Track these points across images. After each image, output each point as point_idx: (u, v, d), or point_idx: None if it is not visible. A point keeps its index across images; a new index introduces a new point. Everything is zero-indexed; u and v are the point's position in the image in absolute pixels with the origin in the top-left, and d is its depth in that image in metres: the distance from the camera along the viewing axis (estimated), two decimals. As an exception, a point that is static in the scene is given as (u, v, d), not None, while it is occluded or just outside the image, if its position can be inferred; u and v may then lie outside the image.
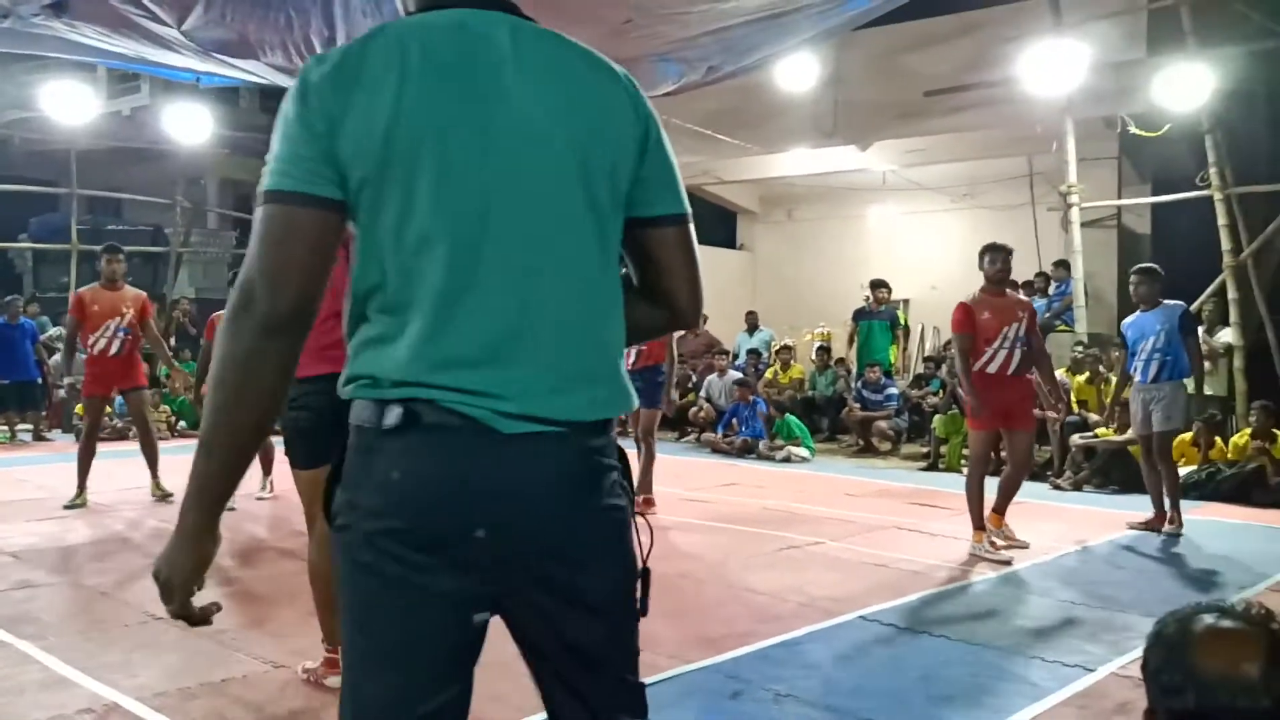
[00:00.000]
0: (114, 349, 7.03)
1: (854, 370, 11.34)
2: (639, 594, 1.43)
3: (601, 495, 1.36)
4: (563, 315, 1.32)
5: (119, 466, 7.98)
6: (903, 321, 11.74)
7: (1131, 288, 6.57)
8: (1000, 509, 5.76)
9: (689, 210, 1.49)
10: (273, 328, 1.24)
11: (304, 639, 3.82)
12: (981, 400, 5.60)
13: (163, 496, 7.10)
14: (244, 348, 1.24)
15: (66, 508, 6.74)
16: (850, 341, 11.42)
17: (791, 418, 10.39)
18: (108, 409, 7.27)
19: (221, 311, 5.36)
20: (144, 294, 7.59)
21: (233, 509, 6.70)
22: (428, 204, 1.27)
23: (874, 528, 6.50)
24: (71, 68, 16.72)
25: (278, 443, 4.86)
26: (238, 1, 7.77)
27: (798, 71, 10.78)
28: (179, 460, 7.72)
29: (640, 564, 1.43)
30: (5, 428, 11.18)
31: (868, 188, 14.25)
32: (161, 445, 9.03)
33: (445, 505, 1.27)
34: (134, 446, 7.62)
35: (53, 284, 16.44)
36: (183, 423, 11.84)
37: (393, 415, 1.27)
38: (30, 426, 11.33)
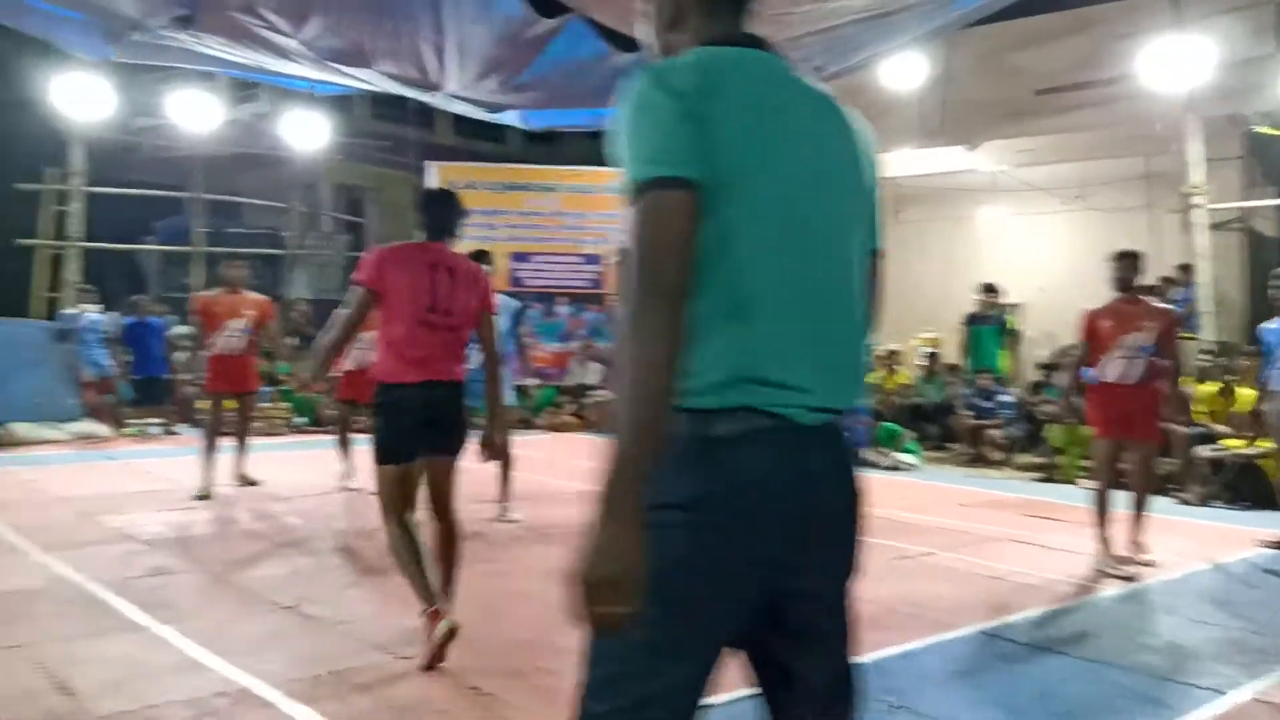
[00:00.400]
0: (234, 349, 7.45)
1: (965, 376, 11.08)
2: None
3: (855, 476, 1.52)
4: (848, 326, 1.51)
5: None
6: (1013, 326, 11.42)
7: (1271, 291, 6.26)
8: (1129, 523, 5.54)
9: None
10: (679, 302, 1.31)
11: (415, 629, 3.93)
12: (1100, 410, 5.40)
13: (248, 483, 7.71)
14: (662, 323, 1.29)
15: (196, 498, 7.08)
16: (963, 348, 11.15)
17: (891, 424, 10.20)
18: (226, 404, 7.69)
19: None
20: (265, 298, 7.98)
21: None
22: (762, 219, 1.40)
23: (988, 539, 6.33)
24: (195, 77, 17.49)
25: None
26: (352, 12, 8.05)
27: (904, 70, 10.60)
28: (298, 455, 8.06)
29: None
30: (136, 423, 11.77)
31: (977, 188, 13.90)
32: (279, 440, 9.44)
33: (772, 498, 1.38)
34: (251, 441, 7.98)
35: (177, 284, 17.21)
36: (300, 419, 12.26)
37: (726, 416, 1.37)
38: (160, 421, 11.90)
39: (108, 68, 13.00)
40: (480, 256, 6.68)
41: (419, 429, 3.65)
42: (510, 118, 10.71)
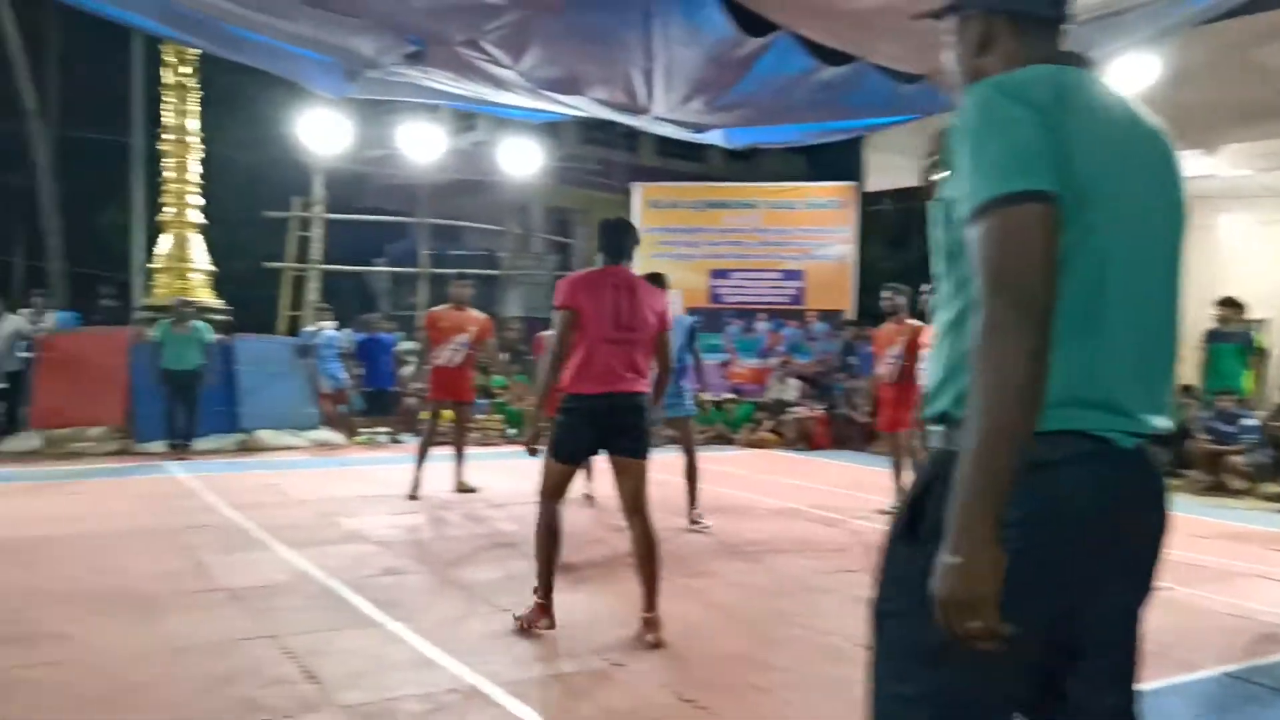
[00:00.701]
0: (456, 361, 8.05)
1: (1204, 398, 10.22)
2: None
3: (1165, 501, 1.52)
4: (1170, 351, 1.51)
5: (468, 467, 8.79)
6: (1260, 344, 10.44)
7: None
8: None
9: None
10: (1046, 320, 1.29)
11: (631, 637, 4.02)
12: None
13: (466, 490, 8.16)
14: (1030, 346, 1.27)
15: (407, 498, 7.71)
16: (1201, 367, 10.30)
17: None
18: (444, 415, 8.30)
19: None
20: (486, 316, 8.50)
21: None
22: (1111, 238, 1.39)
23: (1230, 574, 5.81)
24: (420, 110, 18.68)
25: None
26: (567, 43, 8.36)
27: (1134, 70, 9.91)
28: (512, 465, 8.38)
29: None
30: (367, 432, 12.66)
31: (1216, 195, 12.83)
32: (492, 450, 9.90)
33: (1088, 522, 1.38)
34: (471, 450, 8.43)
35: (404, 303, 18.42)
36: (512, 430, 12.80)
37: (1053, 439, 1.35)
38: (387, 430, 12.75)
39: (345, 104, 14.11)
40: (656, 279, 6.87)
41: (597, 436, 4.14)
42: (714, 137, 10.80)
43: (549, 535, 4.22)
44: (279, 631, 4.12)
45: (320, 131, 15.02)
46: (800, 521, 7.22)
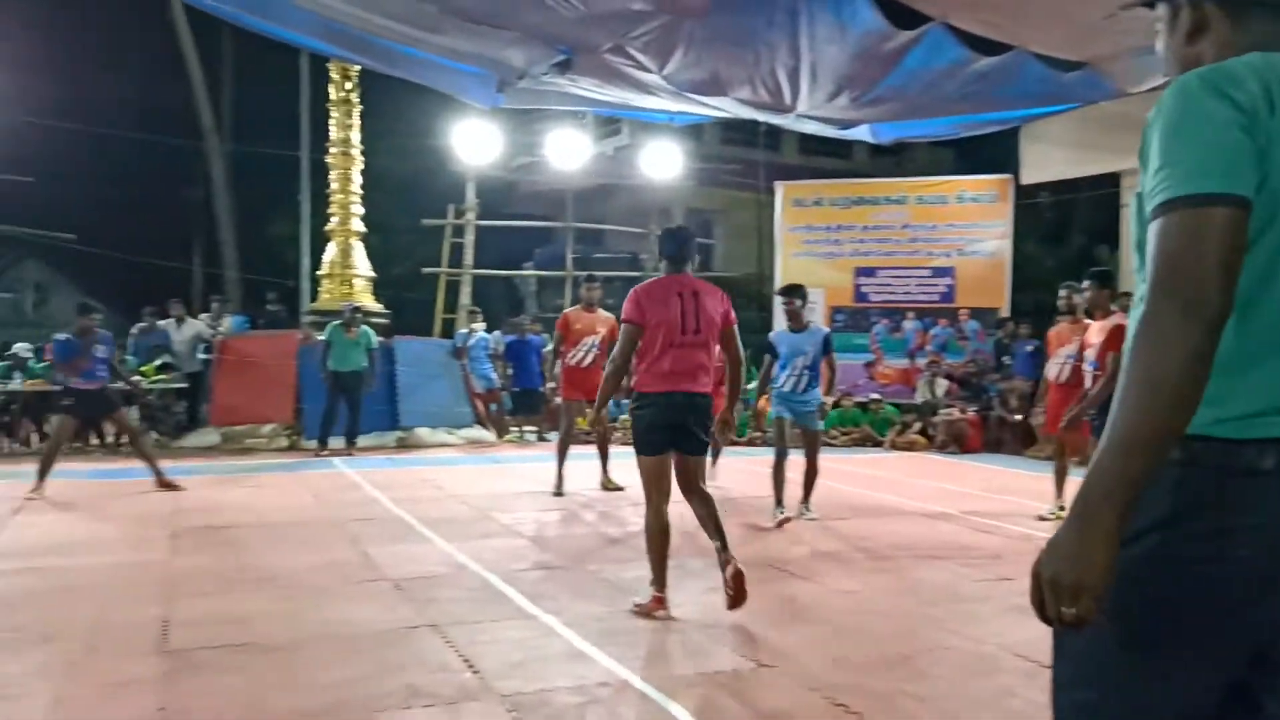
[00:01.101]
0: (586, 361, 8.32)
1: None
2: None
3: None
4: None
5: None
6: None
7: None
8: None
9: None
10: (1216, 327, 1.26)
11: (783, 643, 4.01)
12: None
13: (612, 489, 8.33)
14: (1192, 349, 1.24)
15: (552, 495, 7.99)
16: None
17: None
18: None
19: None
20: (614, 317, 8.50)
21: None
22: None
23: None
24: (565, 117, 19.11)
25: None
26: (712, 45, 8.39)
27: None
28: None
29: None
30: (516, 430, 13.03)
31: None
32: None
33: None
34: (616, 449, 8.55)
35: (551, 305, 18.86)
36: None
37: (1255, 447, 1.30)
38: (535, 429, 13.09)
39: (495, 115, 14.57)
40: (793, 291, 7.17)
41: (670, 430, 4.49)
42: (860, 132, 10.65)
43: (659, 533, 4.54)
44: (440, 621, 4.30)
45: (472, 141, 15.56)
46: (952, 526, 7.02)
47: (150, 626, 4.17)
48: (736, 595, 4.28)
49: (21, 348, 12.56)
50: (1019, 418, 12.24)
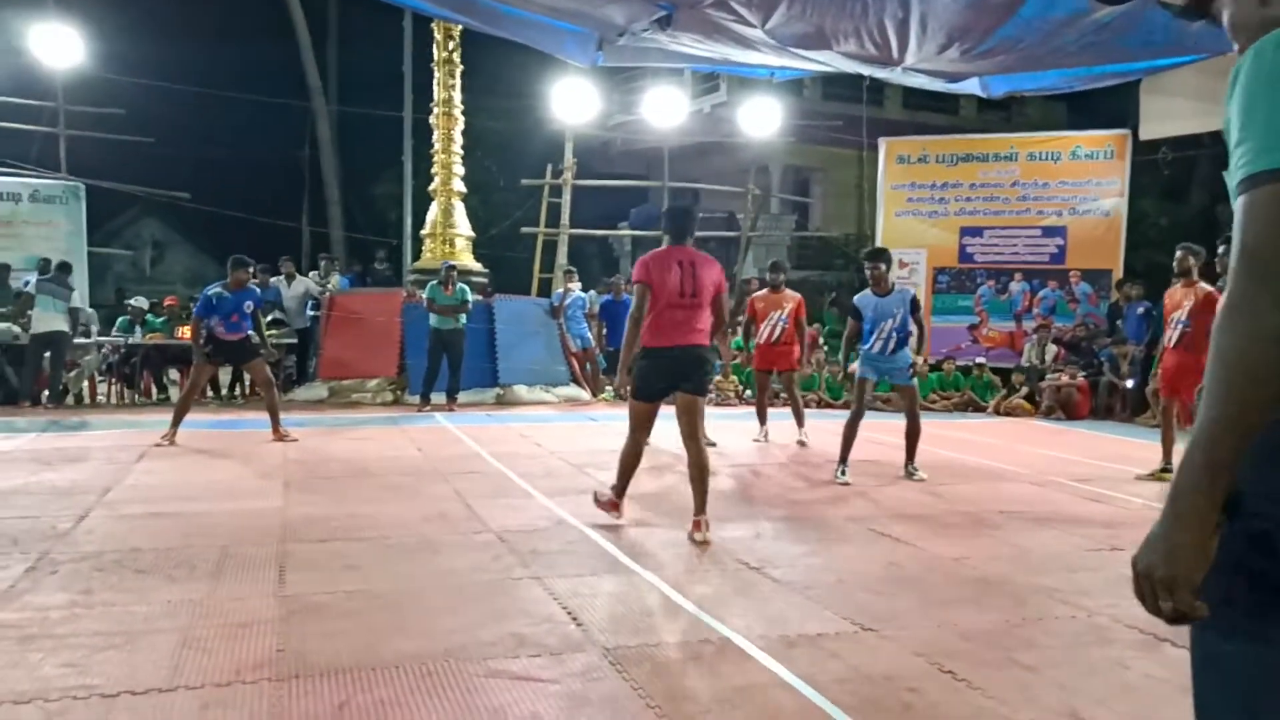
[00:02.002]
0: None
1: None
2: None
3: None
4: None
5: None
6: None
7: None
8: None
9: None
10: None
11: (885, 606, 3.96)
12: None
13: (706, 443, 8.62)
14: (1272, 328, 1.18)
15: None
16: None
17: None
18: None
19: (761, 291, 7.07)
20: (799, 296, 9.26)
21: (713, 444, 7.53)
22: None
23: None
24: (663, 74, 18.92)
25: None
26: (818, -4, 8.19)
27: None
28: (742, 425, 8.50)
29: None
30: (611, 388, 13.11)
31: None
32: (727, 410, 10.09)
33: None
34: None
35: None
36: (749, 392, 12.86)
37: None
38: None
39: (592, 74, 14.52)
40: (878, 255, 7.44)
41: (669, 379, 5.24)
42: (970, 86, 10.27)
43: (633, 456, 5.41)
44: (543, 574, 4.37)
45: (570, 100, 15.55)
46: (1061, 494, 6.81)
47: (267, 570, 4.35)
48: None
49: (140, 301, 13.14)
50: (1130, 383, 11.80)
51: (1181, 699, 3.03)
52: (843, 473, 7.10)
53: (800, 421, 9.24)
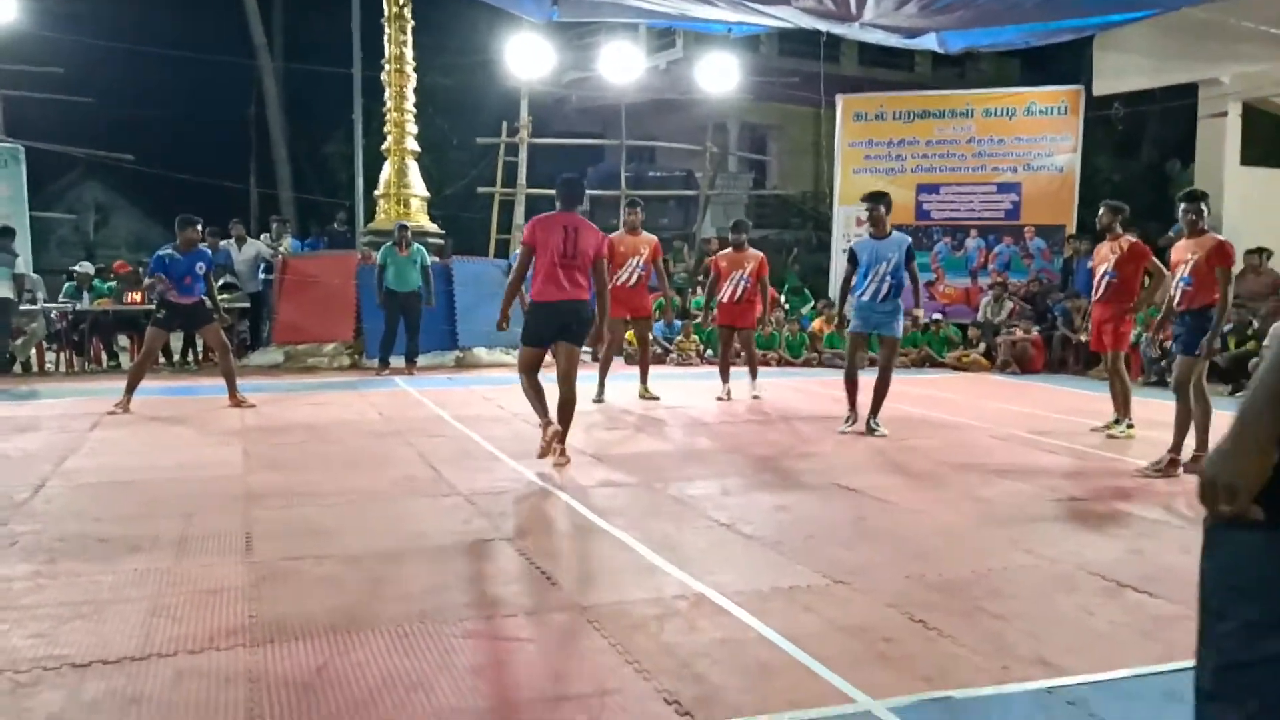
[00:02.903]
0: (631, 281, 8.93)
1: None
2: None
3: None
4: None
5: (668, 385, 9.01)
6: None
7: None
8: None
9: None
10: None
11: (855, 560, 4.01)
12: None
13: (649, 398, 9.05)
14: None
15: (593, 401, 8.67)
16: None
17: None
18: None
19: (724, 251, 7.87)
20: (655, 238, 9.37)
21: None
22: None
23: None
24: (619, 30, 18.67)
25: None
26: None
27: None
28: (706, 385, 8.55)
29: None
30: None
31: None
32: (691, 370, 10.12)
33: None
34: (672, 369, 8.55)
35: (605, 224, 18.66)
36: (710, 351, 12.91)
37: None
38: (589, 348, 13.10)
39: (547, 29, 14.28)
40: (878, 198, 7.37)
41: (554, 328, 5.89)
42: (928, 42, 10.31)
43: (532, 388, 6.01)
44: (514, 535, 4.37)
45: (524, 57, 15.30)
46: (1020, 447, 6.94)
47: (233, 537, 4.29)
48: (546, 449, 5.88)
49: (85, 266, 12.79)
50: (1083, 338, 12.02)
51: (1147, 644, 3.12)
52: (851, 421, 7.38)
53: (754, 375, 9.38)
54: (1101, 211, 7.43)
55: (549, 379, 6.04)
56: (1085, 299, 12.07)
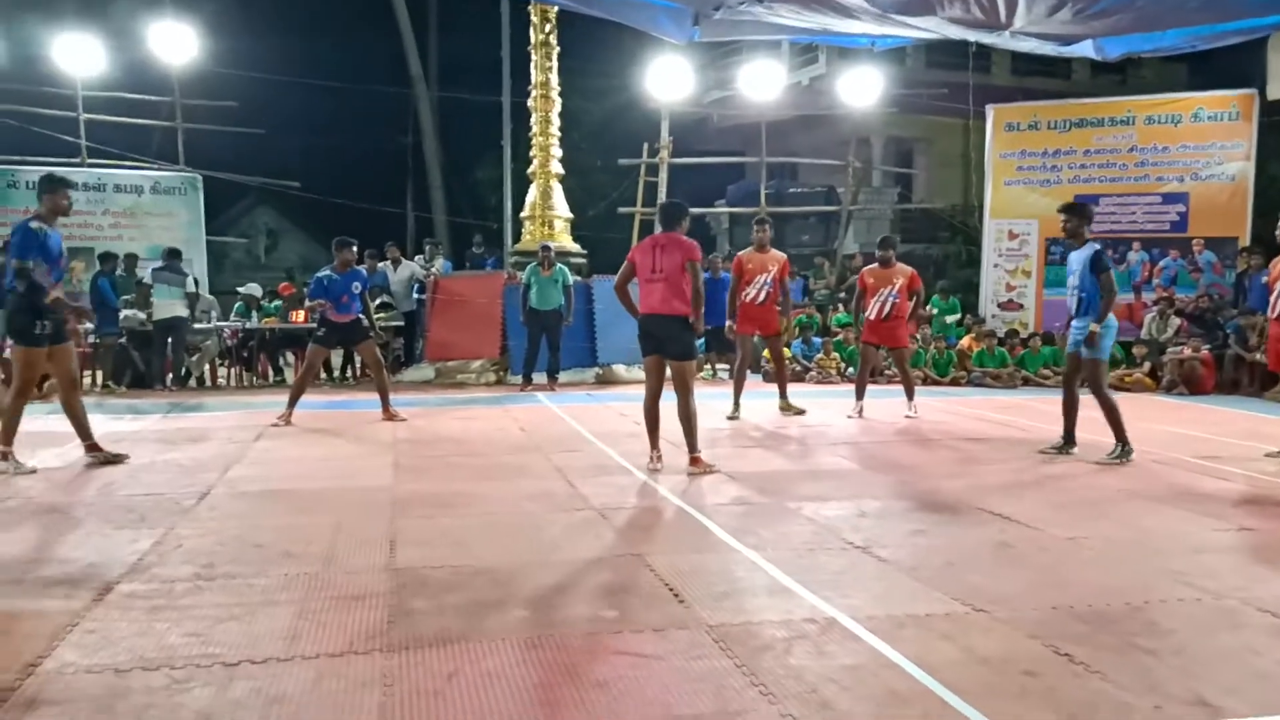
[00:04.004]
0: (760, 299, 8.97)
1: None
2: None
3: None
4: None
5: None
6: None
7: None
8: None
9: None
10: None
11: (997, 588, 3.84)
12: None
13: (794, 412, 9.12)
14: None
15: (728, 419, 8.74)
16: None
17: None
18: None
19: (871, 266, 7.89)
20: (784, 256, 9.39)
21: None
22: None
23: None
24: (760, 48, 18.65)
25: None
26: (920, -42, 7.93)
27: None
28: (842, 403, 8.39)
29: None
30: (709, 367, 13.07)
31: None
32: (829, 389, 9.86)
33: None
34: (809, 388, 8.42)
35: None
36: (851, 370, 12.66)
37: None
38: (727, 365, 13.07)
39: (688, 50, 14.40)
40: (1068, 209, 7.02)
41: (652, 342, 6.36)
42: (1083, 49, 9.81)
43: (651, 409, 6.49)
44: (644, 551, 4.38)
45: (666, 78, 15.46)
46: (1186, 473, 6.49)
47: (379, 546, 4.47)
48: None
49: (253, 288, 13.63)
50: (1259, 357, 11.18)
51: (1321, 688, 2.86)
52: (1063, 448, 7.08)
53: (910, 395, 9.26)
54: None
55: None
56: (1261, 315, 11.24)
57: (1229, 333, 11.78)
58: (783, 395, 9.25)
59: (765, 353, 10.77)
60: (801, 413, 9.03)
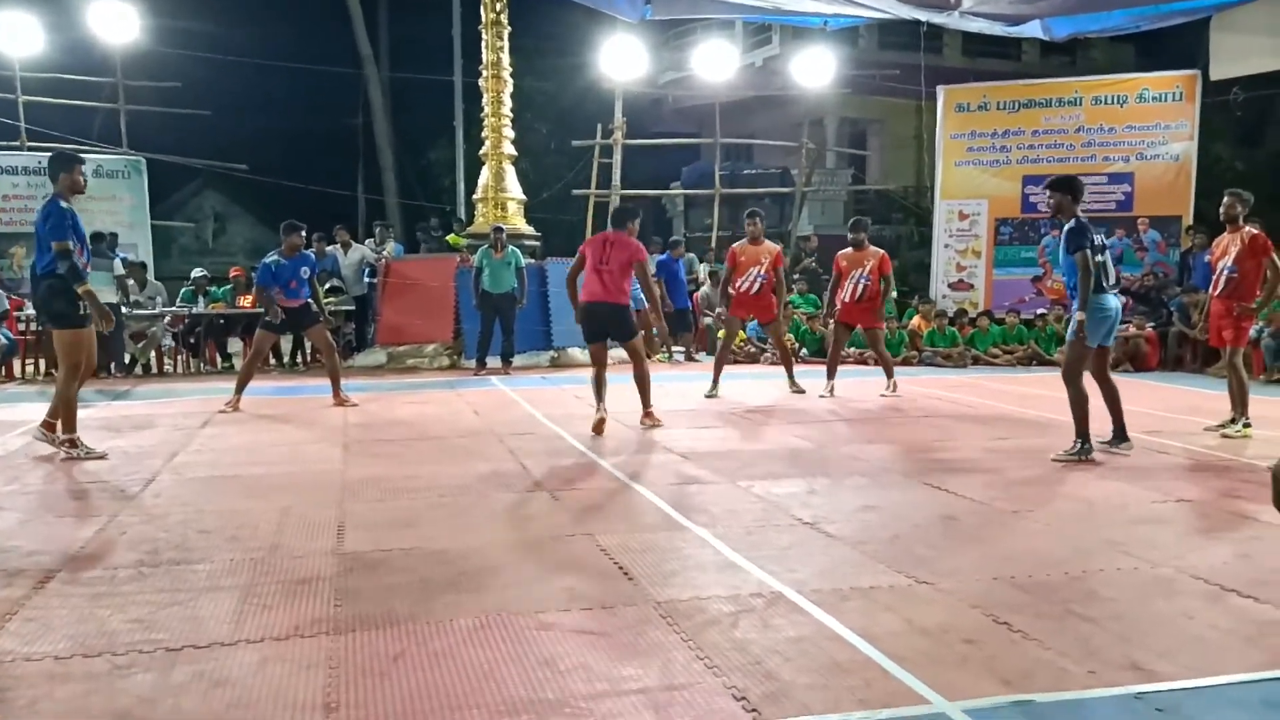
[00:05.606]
0: (754, 289, 9.20)
1: None
2: None
3: None
4: None
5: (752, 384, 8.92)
6: None
7: None
8: None
9: None
10: None
11: (941, 560, 3.90)
12: None
13: (797, 391, 9.32)
14: None
15: (706, 396, 8.96)
16: None
17: None
18: (741, 333, 9.40)
19: (844, 250, 8.18)
20: (778, 248, 9.55)
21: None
22: None
23: None
24: (714, 27, 18.62)
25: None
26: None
27: None
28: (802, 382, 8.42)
29: None
30: (664, 350, 13.08)
31: None
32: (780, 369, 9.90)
33: None
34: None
35: (699, 225, 18.67)
36: (804, 350, 12.77)
37: None
38: (683, 348, 13.12)
39: (642, 29, 14.34)
40: (1054, 184, 6.16)
41: (597, 326, 7.21)
42: (1032, 29, 9.97)
43: (596, 383, 7.27)
44: (594, 530, 4.39)
45: (619, 58, 15.38)
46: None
47: (326, 530, 4.43)
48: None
49: (201, 273, 13.39)
50: (1200, 334, 11.45)
51: (1249, 651, 2.95)
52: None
53: (890, 374, 9.51)
54: (1226, 200, 7.07)
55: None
56: (1203, 293, 11.50)
57: (1173, 310, 12.04)
58: (790, 377, 9.51)
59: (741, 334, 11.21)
60: (803, 392, 9.31)
